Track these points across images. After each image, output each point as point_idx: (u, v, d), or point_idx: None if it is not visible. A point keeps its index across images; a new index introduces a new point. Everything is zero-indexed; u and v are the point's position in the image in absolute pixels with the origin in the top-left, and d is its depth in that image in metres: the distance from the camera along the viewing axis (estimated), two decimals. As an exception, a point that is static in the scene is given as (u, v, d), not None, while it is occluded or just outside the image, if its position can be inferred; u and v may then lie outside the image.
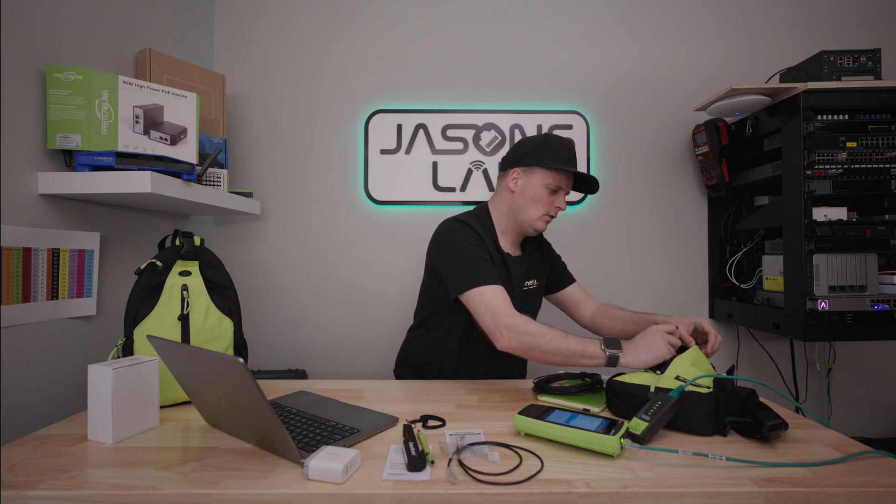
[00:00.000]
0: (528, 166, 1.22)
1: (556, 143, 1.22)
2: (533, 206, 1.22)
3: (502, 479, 0.68)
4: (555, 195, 1.23)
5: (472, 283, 1.10)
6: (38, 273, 1.03)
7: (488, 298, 1.08)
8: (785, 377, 1.81)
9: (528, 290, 1.31)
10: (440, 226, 1.25)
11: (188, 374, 0.85)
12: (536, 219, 1.23)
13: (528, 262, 1.33)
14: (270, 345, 1.82)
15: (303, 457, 0.69)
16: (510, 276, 1.25)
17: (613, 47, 1.86)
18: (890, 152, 1.37)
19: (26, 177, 1.02)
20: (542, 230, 1.27)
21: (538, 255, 1.37)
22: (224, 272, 1.14)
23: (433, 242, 1.24)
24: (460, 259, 1.15)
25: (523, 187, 1.23)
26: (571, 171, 1.22)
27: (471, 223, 1.22)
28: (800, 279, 1.39)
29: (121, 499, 0.64)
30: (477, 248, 1.17)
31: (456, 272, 1.14)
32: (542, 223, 1.24)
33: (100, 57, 1.24)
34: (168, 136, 1.24)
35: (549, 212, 1.23)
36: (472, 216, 1.26)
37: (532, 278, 1.33)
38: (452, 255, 1.16)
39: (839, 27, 1.85)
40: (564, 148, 1.22)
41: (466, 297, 1.11)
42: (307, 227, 1.84)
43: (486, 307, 1.07)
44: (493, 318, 1.06)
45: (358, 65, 1.85)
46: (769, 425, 0.78)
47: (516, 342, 1.03)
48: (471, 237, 1.18)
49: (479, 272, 1.11)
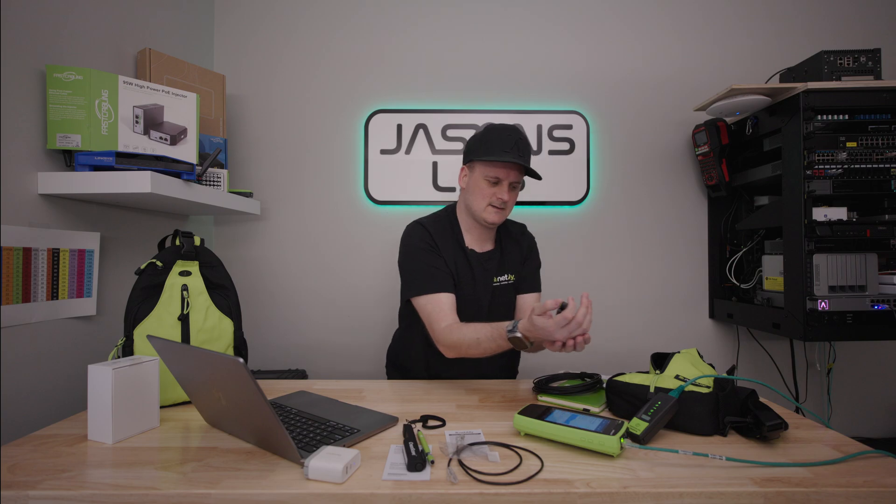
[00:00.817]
0: (471, 161, 1.24)
1: (493, 135, 1.21)
2: (476, 199, 1.22)
3: (502, 479, 0.68)
4: (496, 186, 1.21)
5: (418, 290, 1.18)
6: (38, 273, 1.03)
7: (429, 310, 1.16)
8: (785, 377, 1.81)
9: (500, 286, 1.29)
10: (405, 228, 1.29)
11: (188, 374, 0.85)
12: (482, 210, 1.22)
13: (501, 257, 1.31)
14: (270, 345, 1.82)
15: (303, 457, 0.69)
16: (473, 273, 1.25)
17: (613, 47, 1.86)
18: (890, 152, 1.37)
19: (26, 177, 1.02)
20: (493, 221, 1.23)
21: (515, 251, 1.34)
22: (224, 272, 1.14)
23: (400, 245, 1.27)
24: (410, 265, 1.22)
25: (469, 183, 1.25)
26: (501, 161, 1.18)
27: (428, 225, 1.25)
28: (800, 279, 1.39)
29: (121, 499, 0.64)
30: (427, 253, 1.21)
31: (407, 277, 1.22)
32: (489, 215, 1.22)
33: (100, 57, 1.24)
34: (168, 136, 1.24)
35: (492, 202, 1.21)
36: (434, 217, 1.30)
37: (506, 273, 1.31)
38: (405, 261, 1.24)
39: (839, 27, 1.85)
40: (501, 139, 1.19)
41: (415, 304, 1.19)
42: (307, 227, 1.84)
43: (427, 318, 1.16)
44: (430, 330, 1.16)
45: (358, 65, 1.85)
46: (769, 425, 0.78)
47: (451, 353, 1.12)
48: (423, 242, 1.22)
49: (425, 280, 1.18)
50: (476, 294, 1.26)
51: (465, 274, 1.25)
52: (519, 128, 1.23)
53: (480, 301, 1.26)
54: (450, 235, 1.26)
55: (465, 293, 1.23)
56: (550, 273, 1.84)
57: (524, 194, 1.83)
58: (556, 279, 1.84)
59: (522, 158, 1.18)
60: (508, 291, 1.32)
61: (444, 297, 1.17)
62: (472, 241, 1.29)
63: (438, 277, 1.19)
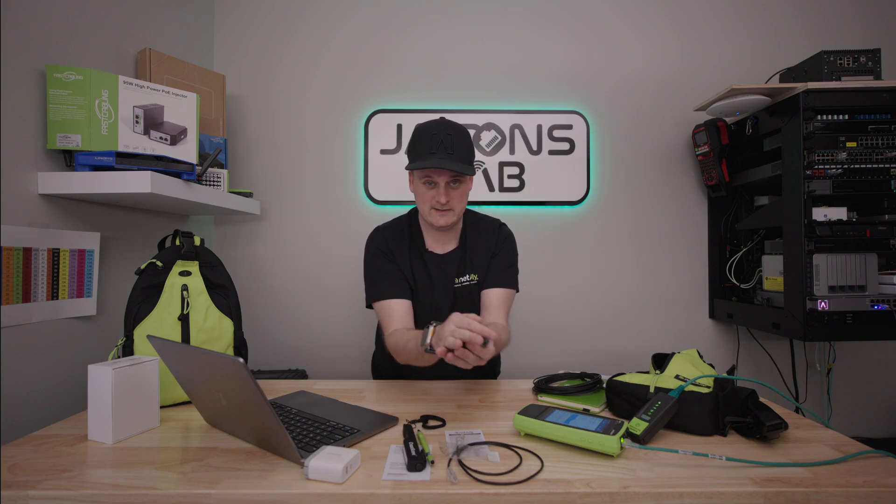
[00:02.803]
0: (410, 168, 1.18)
1: (419, 137, 1.16)
2: (420, 204, 1.21)
3: (502, 479, 0.68)
4: (433, 189, 1.17)
5: (371, 297, 1.21)
6: (38, 273, 1.03)
7: (381, 317, 1.19)
8: (785, 377, 1.81)
9: (461, 286, 1.24)
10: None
11: (188, 374, 0.85)
12: (427, 214, 1.19)
13: (463, 258, 1.26)
14: (270, 345, 1.82)
15: (303, 457, 0.69)
16: (431, 276, 1.23)
17: (613, 47, 1.86)
18: (890, 152, 1.37)
19: (26, 177, 1.02)
20: (440, 224, 1.18)
21: (482, 249, 1.27)
22: (224, 272, 1.14)
23: None
24: (366, 272, 1.25)
25: (413, 189, 1.23)
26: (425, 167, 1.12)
27: (384, 231, 1.26)
28: (800, 279, 1.39)
29: (121, 499, 0.64)
30: (379, 261, 1.22)
31: (365, 285, 1.25)
32: (434, 218, 1.18)
33: (100, 57, 1.24)
34: (168, 136, 1.24)
35: (433, 205, 1.17)
36: (394, 222, 1.29)
37: (468, 273, 1.25)
38: (364, 268, 1.26)
39: (839, 27, 1.85)
40: (426, 139, 1.14)
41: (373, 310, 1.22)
42: (307, 227, 1.84)
43: (381, 324, 1.19)
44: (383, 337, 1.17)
45: (358, 65, 1.85)
46: (769, 425, 0.78)
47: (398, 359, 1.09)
48: (377, 248, 1.24)
49: (376, 287, 1.20)
50: (434, 298, 1.23)
51: (423, 278, 1.23)
52: (445, 122, 1.16)
53: (440, 304, 1.23)
54: (406, 239, 1.24)
55: (424, 297, 1.22)
56: (550, 273, 1.85)
57: (524, 194, 1.83)
58: (555, 279, 1.85)
59: (451, 156, 1.12)
60: (472, 291, 1.26)
61: (393, 304, 1.16)
62: (432, 242, 1.26)
63: (389, 283, 1.19)
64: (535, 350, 1.83)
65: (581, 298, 1.86)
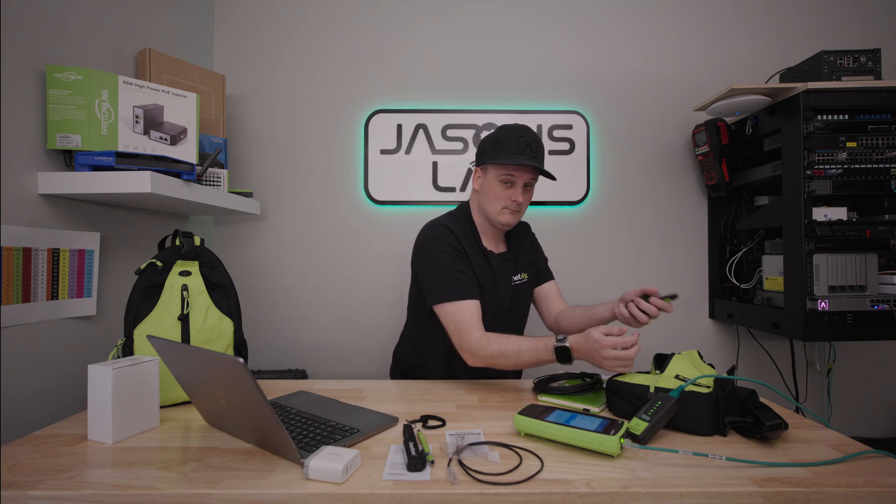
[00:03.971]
0: (484, 164, 1.23)
1: (506, 137, 1.20)
2: (491, 202, 1.22)
3: (502, 479, 0.68)
4: (511, 189, 1.21)
5: (445, 297, 1.14)
6: (38, 273, 1.03)
7: (458, 319, 1.12)
8: (785, 377, 1.81)
9: (517, 285, 1.31)
10: (422, 230, 1.25)
11: (188, 374, 0.85)
12: (497, 213, 1.22)
13: (515, 257, 1.32)
14: (270, 345, 1.82)
15: (303, 457, 0.69)
16: (494, 274, 1.25)
17: (613, 47, 1.86)
18: (890, 152, 1.37)
19: (26, 177, 1.02)
20: (508, 223, 1.24)
21: (527, 249, 1.37)
22: (224, 272, 1.14)
23: (416, 248, 1.25)
24: (436, 270, 1.17)
25: (483, 185, 1.24)
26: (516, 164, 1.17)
27: (451, 226, 1.22)
28: (800, 279, 1.39)
29: (121, 499, 0.64)
30: (453, 258, 1.18)
31: (431, 283, 1.17)
32: (504, 217, 1.22)
33: (100, 57, 1.24)
34: (168, 136, 1.24)
35: (507, 205, 1.21)
36: (453, 218, 1.27)
37: (520, 272, 1.32)
38: (429, 265, 1.19)
39: (839, 27, 1.85)
40: (514, 140, 1.19)
41: (439, 310, 1.16)
42: (307, 227, 1.84)
43: (456, 327, 1.12)
44: (458, 339, 1.12)
45: (358, 65, 1.85)
46: (769, 425, 0.78)
47: (480, 363, 1.10)
48: (449, 245, 1.19)
49: (452, 286, 1.15)
50: (498, 296, 1.24)
51: (488, 276, 1.23)
52: (529, 128, 1.22)
53: (503, 303, 1.25)
54: (472, 239, 1.25)
55: (489, 296, 1.22)
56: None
57: (524, 194, 1.83)
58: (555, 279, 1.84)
59: (536, 159, 1.18)
60: (525, 290, 1.33)
61: (472, 305, 1.14)
62: (488, 242, 1.28)
63: (465, 283, 1.16)
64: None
65: (581, 298, 1.85)
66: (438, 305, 1.15)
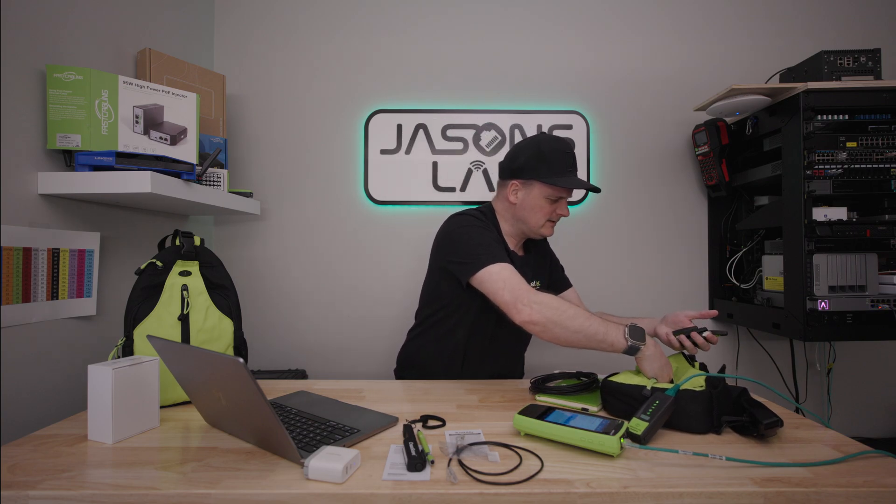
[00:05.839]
0: (527, 180, 1.22)
1: (553, 154, 1.20)
2: (534, 216, 1.24)
3: (502, 479, 0.68)
4: (556, 203, 1.24)
5: (486, 262, 1.08)
6: (38, 273, 1.03)
7: (506, 276, 1.06)
8: (785, 377, 1.81)
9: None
10: (448, 219, 1.24)
11: (188, 374, 0.85)
12: (540, 226, 1.25)
13: (533, 263, 1.34)
14: (270, 345, 1.82)
15: (303, 457, 0.69)
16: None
17: (613, 47, 1.86)
18: (890, 152, 1.37)
19: (26, 177, 1.02)
20: (549, 235, 1.29)
21: (542, 257, 1.39)
22: (224, 272, 1.14)
23: (441, 235, 1.24)
24: (472, 243, 1.13)
25: (524, 199, 1.23)
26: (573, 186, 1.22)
27: (479, 217, 1.23)
28: (800, 279, 1.39)
29: (121, 499, 0.64)
30: (488, 232, 1.18)
31: (468, 255, 1.12)
32: (547, 229, 1.27)
33: (100, 57, 1.24)
34: (168, 136, 1.24)
35: (552, 218, 1.25)
36: (481, 214, 1.26)
37: (535, 279, 1.33)
38: (463, 241, 1.15)
39: (839, 27, 1.85)
40: (561, 157, 1.20)
41: (481, 278, 1.08)
42: (307, 227, 1.84)
43: (505, 283, 1.05)
44: (513, 292, 1.04)
45: (358, 65, 1.85)
46: (766, 423, 0.78)
47: (539, 315, 1.00)
48: (487, 226, 1.20)
49: (492, 253, 1.11)
50: None
51: None
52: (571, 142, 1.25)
53: None
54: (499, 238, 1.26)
55: None
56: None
57: (524, 194, 1.83)
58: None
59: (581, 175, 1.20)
60: None
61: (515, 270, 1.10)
62: (511, 245, 1.31)
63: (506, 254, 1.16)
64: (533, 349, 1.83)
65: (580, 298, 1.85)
66: (483, 269, 1.08)
